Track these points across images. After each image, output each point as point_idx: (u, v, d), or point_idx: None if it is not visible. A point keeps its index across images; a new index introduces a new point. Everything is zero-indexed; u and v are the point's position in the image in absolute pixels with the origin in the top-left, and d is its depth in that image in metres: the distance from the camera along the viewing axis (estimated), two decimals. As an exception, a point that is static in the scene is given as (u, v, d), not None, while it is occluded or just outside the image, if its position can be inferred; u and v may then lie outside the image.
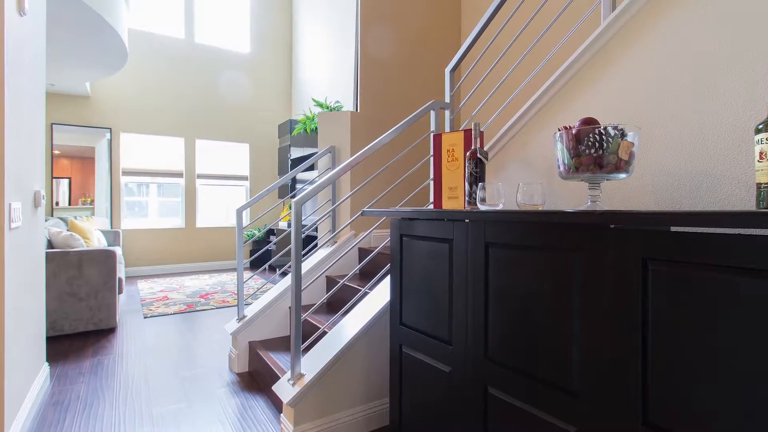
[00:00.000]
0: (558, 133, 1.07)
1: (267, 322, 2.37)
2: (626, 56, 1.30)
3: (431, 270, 1.29)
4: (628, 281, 0.80)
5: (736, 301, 0.66)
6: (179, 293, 4.26)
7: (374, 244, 2.83)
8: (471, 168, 1.31)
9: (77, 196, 5.07)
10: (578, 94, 1.43)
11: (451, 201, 1.48)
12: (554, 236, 0.93)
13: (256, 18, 6.12)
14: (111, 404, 1.92)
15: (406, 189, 3.03)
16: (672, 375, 0.73)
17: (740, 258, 0.65)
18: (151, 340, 2.81)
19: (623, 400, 0.81)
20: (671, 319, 0.74)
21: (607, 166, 1.01)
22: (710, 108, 1.09)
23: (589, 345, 0.87)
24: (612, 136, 1.00)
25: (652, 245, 0.76)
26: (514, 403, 1.02)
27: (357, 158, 1.77)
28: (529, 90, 2.93)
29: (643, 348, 0.77)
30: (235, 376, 2.24)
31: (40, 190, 1.97)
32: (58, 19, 3.10)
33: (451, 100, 2.04)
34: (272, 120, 6.25)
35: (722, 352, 0.67)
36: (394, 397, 1.45)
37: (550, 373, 0.94)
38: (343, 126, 2.81)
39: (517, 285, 1.02)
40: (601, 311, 0.84)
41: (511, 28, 3.09)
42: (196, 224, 5.74)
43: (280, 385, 1.61)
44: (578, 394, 0.89)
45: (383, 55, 3.04)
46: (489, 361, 1.09)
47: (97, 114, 5.12)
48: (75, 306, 2.88)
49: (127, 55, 3.94)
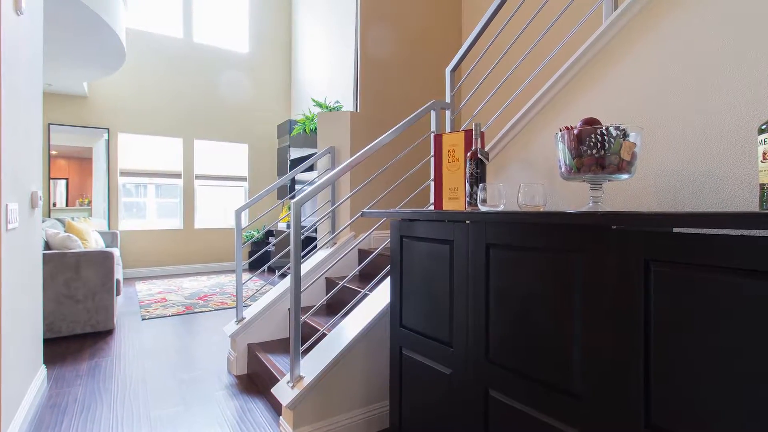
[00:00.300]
0: (559, 134, 1.06)
1: (266, 324, 2.36)
2: (628, 56, 1.29)
3: (432, 271, 1.28)
4: (630, 282, 0.79)
5: (738, 303, 0.66)
6: (177, 295, 4.24)
7: (374, 245, 2.82)
8: (472, 169, 1.30)
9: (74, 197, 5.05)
10: (580, 94, 1.43)
11: (451, 202, 1.47)
12: (556, 237, 0.93)
13: (255, 17, 6.11)
14: (109, 407, 1.90)
15: (406, 190, 3.02)
16: (674, 376, 0.73)
17: (743, 259, 0.65)
18: (149, 343, 2.80)
19: (625, 402, 0.80)
20: (673, 321, 0.73)
21: (609, 166, 1.01)
22: (713, 108, 1.08)
23: (590, 346, 0.86)
24: (614, 136, 1.00)
25: (655, 246, 0.76)
26: (515, 405, 1.01)
27: (357, 159, 1.76)
28: (530, 90, 2.93)
29: (645, 349, 0.77)
30: (234, 379, 2.22)
31: (37, 191, 1.95)
32: (56, 18, 3.09)
33: (452, 100, 2.04)
34: (271, 120, 6.24)
35: (724, 354, 0.67)
36: (394, 400, 1.44)
37: (551, 374, 0.93)
38: (343, 126, 2.80)
39: (518, 286, 1.01)
40: (603, 312, 0.84)
41: (512, 27, 3.09)
42: (194, 225, 5.72)
43: (279, 388, 1.60)
44: (580, 395, 0.88)
45: (383, 55, 3.03)
46: (490, 363, 1.08)
47: (94, 114, 5.10)
48: (72, 308, 2.86)
49: (125, 55, 3.92)
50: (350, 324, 1.72)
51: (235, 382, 2.18)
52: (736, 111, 1.04)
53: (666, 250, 0.74)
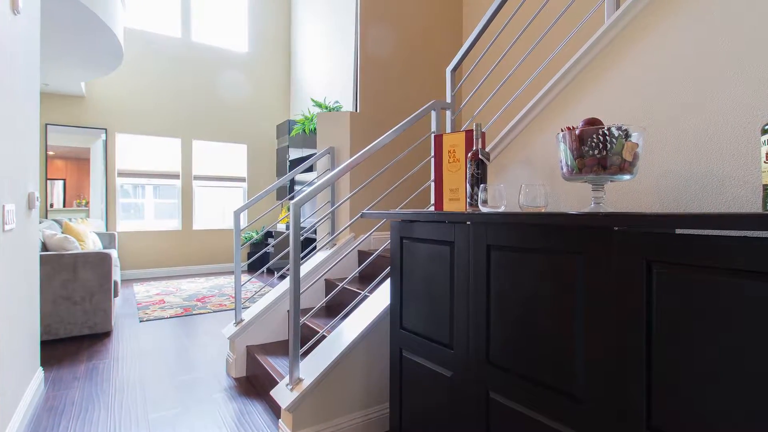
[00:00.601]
0: (561, 134, 1.06)
1: (265, 326, 2.34)
2: (630, 56, 1.28)
3: (432, 273, 1.28)
4: (632, 284, 0.79)
5: (741, 305, 0.65)
6: (176, 296, 4.23)
7: (374, 246, 2.81)
8: (472, 169, 1.30)
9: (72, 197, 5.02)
10: (581, 94, 1.42)
11: (452, 203, 1.46)
12: (557, 239, 0.92)
13: (254, 16, 6.09)
14: (106, 409, 1.89)
15: (406, 191, 3.01)
16: (676, 378, 0.73)
17: (745, 261, 0.64)
18: (147, 344, 2.78)
19: (627, 405, 0.79)
20: (675, 323, 0.73)
21: (610, 167, 1.00)
22: (716, 108, 1.08)
23: (592, 349, 0.85)
24: (616, 136, 0.99)
25: (657, 248, 0.75)
26: (516, 407, 1.01)
27: (357, 159, 1.75)
28: (531, 90, 2.92)
29: (647, 351, 0.77)
30: (233, 381, 2.21)
31: (34, 192, 1.94)
32: (53, 18, 3.07)
33: (453, 100, 2.03)
34: (270, 120, 6.22)
35: (727, 356, 0.67)
36: (394, 402, 1.43)
37: (552, 377, 0.93)
38: (343, 126, 2.79)
39: (519, 288, 1.00)
40: (605, 315, 0.83)
41: (514, 26, 3.08)
42: (192, 226, 5.70)
43: (279, 390, 1.59)
44: (581, 398, 0.88)
45: (383, 54, 3.02)
46: (491, 365, 1.07)
47: (92, 114, 5.08)
48: (70, 309, 2.84)
49: (123, 55, 3.90)
50: (350, 326, 1.71)
51: (234, 385, 2.16)
52: (739, 111, 1.03)
53: (668, 252, 0.73)
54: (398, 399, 1.41)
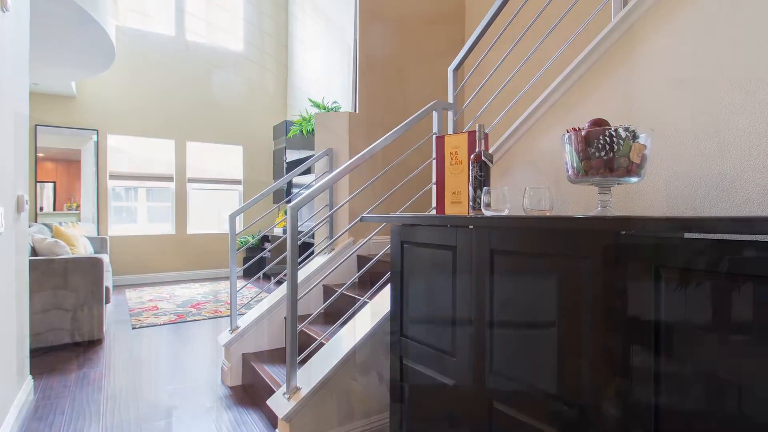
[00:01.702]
0: (566, 135, 1.04)
1: (261, 333, 2.30)
2: (638, 54, 1.26)
3: (433, 278, 1.25)
4: (640, 290, 0.77)
5: (752, 311, 0.63)
6: (169, 303, 4.16)
7: (374, 251, 2.77)
8: (475, 171, 1.27)
9: (62, 201, 4.94)
10: (587, 94, 1.40)
11: (454, 206, 1.43)
12: (562, 243, 0.90)
13: (249, 14, 6.04)
14: (98, 419, 1.84)
15: (407, 193, 2.97)
16: (685, 387, 0.71)
17: (756, 266, 0.63)
18: (139, 352, 2.73)
19: (634, 414, 0.77)
20: (685, 329, 0.71)
21: (617, 169, 0.98)
22: (726, 108, 1.06)
23: (598, 357, 0.83)
24: (623, 138, 0.97)
25: (665, 252, 0.73)
26: (520, 418, 0.99)
27: (356, 161, 1.72)
28: (536, 90, 2.87)
29: (655, 359, 0.75)
30: (228, 390, 2.16)
31: (23, 195, 1.91)
32: (42, 16, 3.01)
33: (455, 101, 2.00)
34: (267, 121, 6.16)
35: (738, 363, 0.65)
36: (394, 412, 1.41)
37: (558, 386, 0.91)
38: (341, 127, 2.75)
39: (524, 294, 0.98)
40: (612, 321, 0.81)
41: (518, 24, 3.06)
42: (187, 230, 5.63)
43: (275, 399, 1.56)
44: (587, 408, 0.85)
45: (383, 53, 2.97)
46: (494, 374, 1.05)
47: (83, 115, 4.99)
48: (60, 316, 2.78)
49: (115, 54, 3.84)
50: (349, 333, 1.68)
51: (229, 394, 2.12)
52: (750, 111, 1.01)
53: (677, 257, 0.72)
54: (399, 409, 1.39)
